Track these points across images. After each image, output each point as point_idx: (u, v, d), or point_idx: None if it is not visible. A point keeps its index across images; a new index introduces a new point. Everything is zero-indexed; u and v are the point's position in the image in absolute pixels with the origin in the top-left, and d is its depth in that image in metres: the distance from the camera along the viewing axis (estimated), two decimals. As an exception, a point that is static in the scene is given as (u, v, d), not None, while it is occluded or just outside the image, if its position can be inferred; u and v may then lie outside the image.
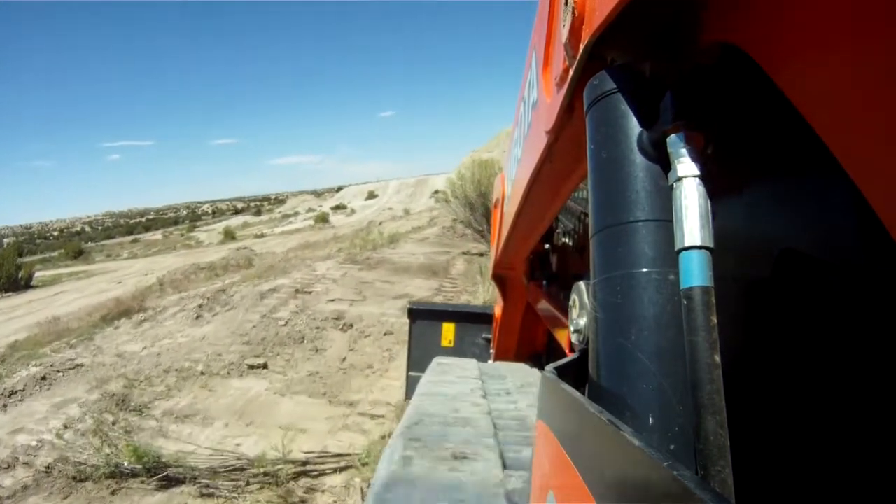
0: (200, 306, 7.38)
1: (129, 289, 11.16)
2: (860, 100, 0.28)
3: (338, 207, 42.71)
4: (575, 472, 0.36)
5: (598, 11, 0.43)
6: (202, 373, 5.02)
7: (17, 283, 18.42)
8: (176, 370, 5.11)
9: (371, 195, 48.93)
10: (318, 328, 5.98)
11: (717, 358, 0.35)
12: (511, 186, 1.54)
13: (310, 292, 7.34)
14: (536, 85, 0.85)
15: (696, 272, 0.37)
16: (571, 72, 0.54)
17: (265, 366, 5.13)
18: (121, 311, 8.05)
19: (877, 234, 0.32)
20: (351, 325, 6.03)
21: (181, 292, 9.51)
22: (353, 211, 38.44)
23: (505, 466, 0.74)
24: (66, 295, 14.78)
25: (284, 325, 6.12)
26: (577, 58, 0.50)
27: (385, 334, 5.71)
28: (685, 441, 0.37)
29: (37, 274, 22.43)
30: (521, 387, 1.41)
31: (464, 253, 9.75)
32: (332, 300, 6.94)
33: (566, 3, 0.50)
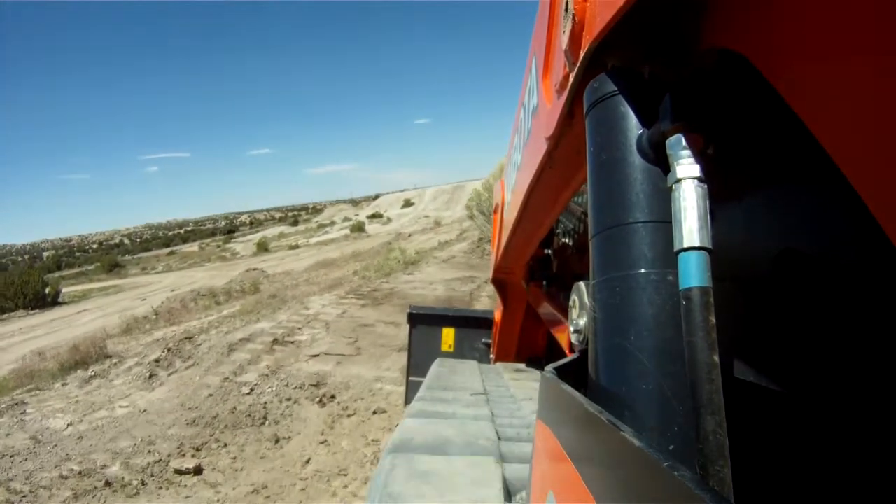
0: (157, 361, 6.04)
1: (119, 320, 10.24)
2: (858, 105, 0.28)
3: (374, 216, 42.56)
4: (575, 472, 0.36)
5: (599, 18, 0.44)
6: (107, 483, 3.57)
7: (44, 299, 18.42)
8: (80, 473, 3.70)
9: (407, 203, 48.84)
10: (288, 400, 4.68)
11: (716, 358, 0.35)
12: (511, 192, 1.57)
13: (292, 341, 5.93)
14: (536, 91, 0.86)
15: (694, 273, 0.37)
16: (572, 78, 0.54)
17: (198, 470, 3.68)
18: (78, 360, 6.92)
19: (875, 237, 0.32)
20: (332, 397, 4.64)
21: (173, 325, 8.40)
22: (389, 220, 38.01)
23: (479, 362, 2.40)
24: (88, 314, 14.20)
25: (248, 393, 4.87)
26: (578, 64, 0.50)
27: (375, 413, 4.25)
28: (684, 440, 0.37)
29: (69, 289, 22.24)
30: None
31: (493, 279, 8.14)
32: (317, 355, 5.49)
33: (566, 10, 0.51)
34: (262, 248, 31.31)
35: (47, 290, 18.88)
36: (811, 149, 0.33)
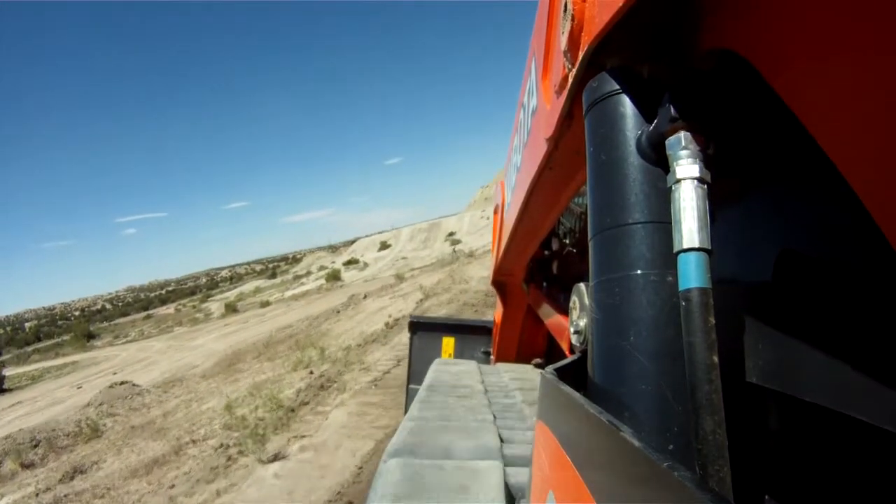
0: None
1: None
2: (857, 106, 0.28)
3: (350, 262, 41.90)
4: (575, 472, 0.36)
5: (598, 19, 0.44)
6: None
7: (-12, 388, 17.09)
8: None
9: (384, 245, 48.36)
10: None
11: (716, 358, 0.35)
12: (511, 194, 1.56)
13: None
14: (536, 92, 0.86)
15: (694, 274, 0.37)
16: (571, 78, 0.54)
17: None
18: None
19: (874, 237, 0.32)
20: None
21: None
22: (365, 265, 37.53)
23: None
24: (20, 408, 12.78)
25: None
26: (577, 65, 0.50)
27: None
28: (684, 441, 0.37)
29: (28, 368, 21.26)
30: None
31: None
32: None
33: (565, 11, 0.51)
34: (231, 309, 30.28)
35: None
36: (810, 149, 0.33)
